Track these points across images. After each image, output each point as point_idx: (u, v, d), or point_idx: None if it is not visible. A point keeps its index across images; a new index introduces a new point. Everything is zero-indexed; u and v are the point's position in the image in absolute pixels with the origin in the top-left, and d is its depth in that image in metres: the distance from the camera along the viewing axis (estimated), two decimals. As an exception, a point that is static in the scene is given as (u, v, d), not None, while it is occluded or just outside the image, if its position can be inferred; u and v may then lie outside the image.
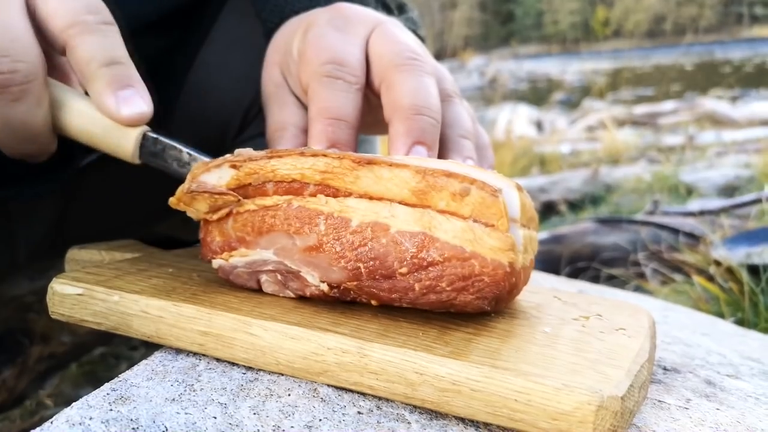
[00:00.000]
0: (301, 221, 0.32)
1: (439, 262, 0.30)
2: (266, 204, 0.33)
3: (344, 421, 0.28)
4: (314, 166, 0.32)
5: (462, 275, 0.30)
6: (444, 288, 0.30)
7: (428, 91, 0.38)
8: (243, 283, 0.35)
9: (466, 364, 0.27)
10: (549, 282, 0.63)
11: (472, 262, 0.29)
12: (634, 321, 0.35)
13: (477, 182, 0.30)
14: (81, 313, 0.34)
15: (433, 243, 0.30)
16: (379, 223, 0.30)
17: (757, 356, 0.46)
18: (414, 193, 0.31)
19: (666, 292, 1.22)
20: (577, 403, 0.25)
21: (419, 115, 0.37)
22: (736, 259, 1.15)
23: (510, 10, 33.62)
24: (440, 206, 0.30)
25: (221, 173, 0.34)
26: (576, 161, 3.46)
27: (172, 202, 0.35)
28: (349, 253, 0.31)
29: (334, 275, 0.32)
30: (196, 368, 0.32)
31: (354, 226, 0.31)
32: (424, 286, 0.30)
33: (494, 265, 0.29)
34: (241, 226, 0.33)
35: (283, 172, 0.32)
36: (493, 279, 0.29)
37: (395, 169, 0.31)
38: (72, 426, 0.27)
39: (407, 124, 0.37)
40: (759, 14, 29.49)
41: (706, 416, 0.32)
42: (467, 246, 0.29)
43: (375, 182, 0.31)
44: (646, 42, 29.19)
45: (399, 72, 0.39)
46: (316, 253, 0.32)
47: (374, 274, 0.31)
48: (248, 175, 0.33)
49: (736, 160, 3.01)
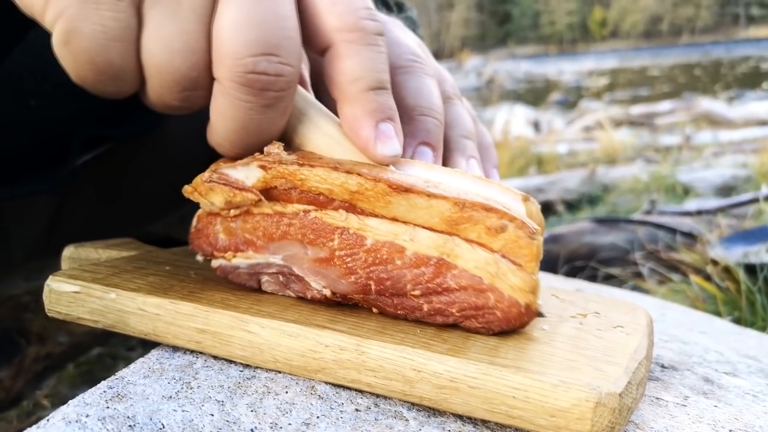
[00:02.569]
0: (315, 233, 0.31)
1: (455, 289, 0.30)
2: (284, 211, 0.32)
3: (342, 418, 0.28)
4: (345, 184, 0.30)
5: (475, 305, 0.30)
6: (453, 313, 0.30)
7: (431, 92, 0.38)
8: (242, 282, 0.35)
9: (464, 361, 0.27)
10: (546, 281, 0.63)
11: (488, 295, 0.29)
12: (632, 319, 0.35)
13: (516, 221, 0.29)
14: (77, 311, 0.34)
15: (450, 270, 0.30)
16: (395, 244, 0.30)
17: (754, 354, 0.46)
18: (445, 221, 0.30)
19: (663, 291, 1.22)
20: (575, 399, 0.25)
21: (423, 116, 0.36)
22: (733, 258, 1.16)
23: (507, 10, 33.65)
24: (471, 237, 0.30)
25: (248, 172, 0.32)
26: (573, 161, 3.47)
27: (187, 190, 0.33)
28: (361, 270, 0.31)
29: (341, 287, 0.32)
30: (193, 366, 0.32)
31: (369, 244, 0.30)
32: (433, 308, 0.30)
33: (510, 302, 0.29)
34: (252, 229, 0.33)
35: (311, 183, 0.31)
36: (506, 315, 0.29)
37: (433, 200, 0.30)
38: (68, 423, 0.27)
39: (411, 126, 0.36)
40: (755, 15, 29.55)
41: (704, 413, 0.32)
42: (486, 278, 0.29)
43: (407, 210, 0.30)
44: (642, 42, 29.22)
45: (401, 74, 0.38)
46: (326, 265, 0.31)
47: (384, 292, 0.31)
48: (276, 178, 0.31)
49: (732, 160, 3.02)
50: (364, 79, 0.31)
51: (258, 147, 0.32)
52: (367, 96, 0.32)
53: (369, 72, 0.31)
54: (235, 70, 0.28)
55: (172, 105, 0.31)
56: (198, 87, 0.30)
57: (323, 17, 0.31)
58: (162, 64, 0.29)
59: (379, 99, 0.32)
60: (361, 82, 0.31)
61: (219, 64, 0.29)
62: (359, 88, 0.31)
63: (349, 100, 0.32)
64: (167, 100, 0.30)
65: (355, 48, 0.31)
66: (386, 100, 0.32)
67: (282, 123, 0.31)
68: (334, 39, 0.31)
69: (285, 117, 0.31)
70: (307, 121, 0.33)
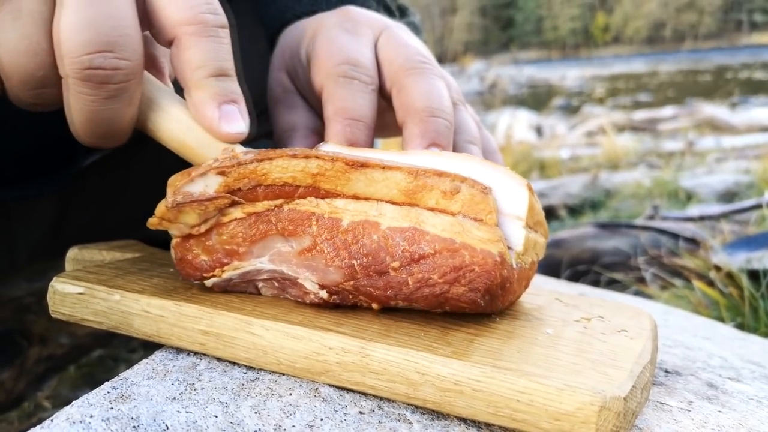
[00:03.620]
0: (294, 224, 0.32)
1: (430, 254, 0.30)
2: (256, 210, 0.32)
3: (345, 420, 0.28)
4: (306, 168, 0.31)
5: (453, 266, 0.30)
6: (436, 281, 0.30)
7: (441, 94, 0.39)
8: (242, 290, 0.35)
9: (468, 364, 0.27)
10: (549, 285, 0.63)
11: (462, 252, 0.30)
12: (636, 323, 0.35)
13: (467, 180, 0.30)
14: (82, 312, 0.34)
15: (423, 236, 0.30)
16: (369, 221, 0.31)
17: (758, 360, 0.46)
18: (404, 192, 0.31)
19: (666, 296, 1.22)
20: (580, 403, 0.25)
21: (433, 117, 0.37)
22: (736, 264, 1.15)
23: (510, 15, 33.69)
24: (430, 204, 0.31)
25: (207, 181, 0.32)
26: (575, 166, 3.46)
27: (153, 223, 0.33)
28: (342, 251, 0.31)
29: (330, 276, 0.32)
30: (197, 367, 0.32)
31: (345, 225, 0.31)
32: (416, 279, 0.30)
33: (484, 254, 0.29)
34: (229, 238, 0.33)
35: (274, 175, 0.32)
36: (484, 269, 0.30)
37: (387, 172, 0.31)
38: (72, 424, 0.27)
39: (422, 126, 0.37)
40: (758, 21, 29.57)
41: (708, 418, 0.32)
42: (457, 238, 0.30)
43: (366, 185, 0.31)
44: (645, 48, 29.24)
45: (410, 75, 0.39)
46: (311, 254, 0.32)
47: (368, 270, 0.31)
48: (237, 180, 0.32)
49: (735, 166, 3.01)
50: (206, 67, 0.34)
51: (112, 135, 0.34)
52: (209, 82, 0.34)
53: (210, 61, 0.34)
54: (73, 67, 0.30)
55: (30, 102, 0.33)
56: (47, 85, 0.32)
57: (166, 12, 0.34)
58: (11, 66, 0.31)
59: (221, 84, 0.34)
60: (203, 70, 0.34)
61: (61, 63, 0.31)
62: (201, 75, 0.34)
63: (194, 86, 0.34)
64: (23, 98, 0.33)
65: (196, 39, 0.34)
66: (229, 86, 0.35)
67: (130, 112, 0.33)
68: (177, 32, 0.34)
69: (132, 107, 0.33)
70: (157, 108, 0.35)
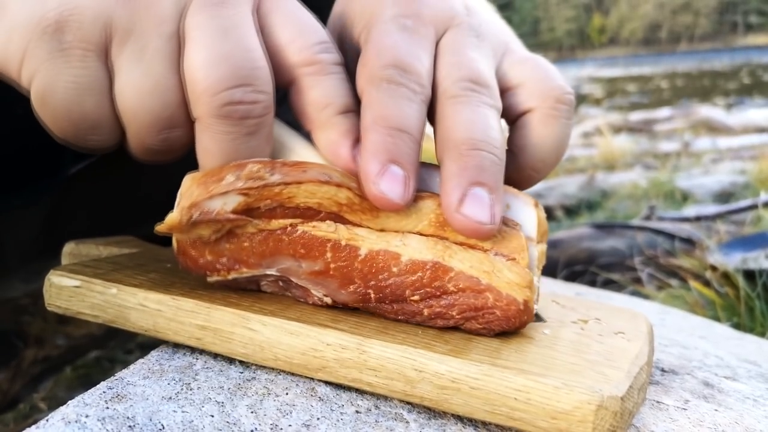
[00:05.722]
0: (306, 248, 0.31)
1: (453, 292, 0.30)
2: (268, 227, 0.31)
3: (342, 419, 0.28)
4: (335, 197, 0.30)
5: (474, 306, 0.29)
6: (453, 316, 0.30)
7: (487, 124, 0.32)
8: (241, 287, 0.34)
9: (466, 361, 0.27)
10: (546, 286, 0.63)
11: (487, 294, 0.29)
12: (633, 325, 0.35)
13: None
14: (78, 305, 0.34)
15: (447, 273, 0.29)
16: (389, 251, 0.30)
17: (754, 359, 0.46)
18: (433, 224, 0.30)
19: (662, 296, 1.22)
20: (577, 402, 0.25)
21: (476, 150, 0.31)
22: (731, 264, 1.16)
23: (507, 17, 33.73)
24: (460, 238, 0.30)
25: (226, 199, 0.30)
26: (572, 167, 3.47)
27: (161, 230, 0.31)
28: (358, 280, 0.31)
29: (341, 297, 0.31)
30: (193, 367, 0.32)
31: (363, 254, 0.30)
32: (433, 312, 0.30)
33: (508, 300, 0.29)
34: (239, 249, 0.31)
35: (300, 199, 0.30)
36: (505, 314, 0.29)
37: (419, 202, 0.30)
38: (68, 424, 0.27)
39: (461, 162, 0.30)
40: (753, 23, 29.67)
41: (705, 417, 0.32)
42: (483, 278, 0.29)
43: (396, 222, 0.31)
44: (641, 49, 29.29)
45: (452, 104, 0.33)
46: (323, 277, 0.31)
47: (384, 299, 0.31)
48: (258, 200, 0.30)
49: (731, 167, 3.03)
50: (332, 105, 0.32)
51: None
52: (338, 120, 0.32)
53: (335, 98, 0.32)
54: (212, 105, 0.29)
55: (153, 149, 0.32)
56: (175, 125, 0.31)
57: (283, 54, 0.32)
58: (135, 107, 0.30)
59: (350, 121, 0.33)
60: (330, 108, 0.32)
61: (196, 103, 0.30)
62: (329, 114, 0.32)
63: (322, 126, 0.32)
64: (148, 143, 0.31)
65: (317, 79, 0.32)
66: (356, 122, 0.33)
67: (268, 150, 0.32)
68: (296, 74, 0.32)
69: (269, 144, 0.32)
70: (286, 149, 0.33)
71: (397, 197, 0.29)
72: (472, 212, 0.29)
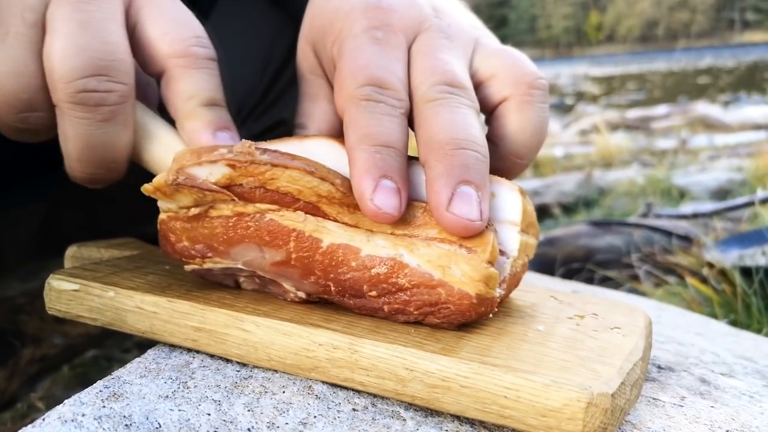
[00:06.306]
0: (271, 235, 0.31)
1: (407, 288, 0.30)
2: (244, 210, 0.31)
3: (339, 418, 0.28)
4: (316, 188, 0.30)
5: (428, 302, 0.30)
6: (411, 311, 0.30)
7: (467, 123, 0.32)
8: (219, 281, 0.34)
9: (456, 360, 0.27)
10: (544, 282, 0.63)
11: (439, 290, 0.29)
12: (630, 320, 0.35)
13: None
14: (77, 308, 0.34)
15: (402, 269, 0.30)
16: (350, 246, 0.30)
17: (750, 355, 0.46)
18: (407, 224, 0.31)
19: (659, 293, 1.22)
20: (566, 399, 0.25)
21: (460, 149, 0.31)
22: (728, 261, 1.16)
23: (504, 14, 33.71)
24: (431, 234, 0.30)
25: (213, 169, 0.30)
26: (569, 165, 3.47)
27: (148, 189, 0.32)
28: (318, 272, 0.31)
29: (304, 287, 0.32)
30: (190, 366, 0.32)
31: (324, 247, 0.30)
32: (392, 308, 0.30)
33: (460, 295, 0.29)
34: (210, 234, 0.32)
35: (281, 183, 0.30)
36: (458, 308, 0.29)
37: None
38: (64, 422, 0.27)
39: (446, 163, 0.31)
40: (750, 20, 29.69)
41: (701, 413, 0.32)
42: (436, 273, 0.29)
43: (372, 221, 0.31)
44: (638, 46, 29.30)
45: (430, 107, 0.33)
46: (285, 267, 0.31)
47: (343, 292, 0.31)
48: (243, 176, 0.30)
49: (728, 164, 3.03)
50: (198, 97, 0.34)
51: (109, 163, 0.34)
52: (202, 110, 0.34)
53: (202, 91, 0.34)
54: (66, 91, 0.31)
55: (15, 127, 0.33)
56: (35, 109, 0.32)
57: (156, 45, 0.34)
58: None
59: (214, 112, 0.35)
60: (195, 99, 0.34)
61: (54, 90, 0.31)
62: (194, 105, 0.34)
63: (186, 116, 0.35)
64: (8, 122, 0.33)
65: (187, 71, 0.34)
66: (221, 115, 0.35)
67: (126, 137, 0.33)
68: (167, 64, 0.34)
69: (127, 130, 0.33)
70: (150, 136, 0.35)
71: (392, 209, 0.30)
72: (461, 210, 0.29)
